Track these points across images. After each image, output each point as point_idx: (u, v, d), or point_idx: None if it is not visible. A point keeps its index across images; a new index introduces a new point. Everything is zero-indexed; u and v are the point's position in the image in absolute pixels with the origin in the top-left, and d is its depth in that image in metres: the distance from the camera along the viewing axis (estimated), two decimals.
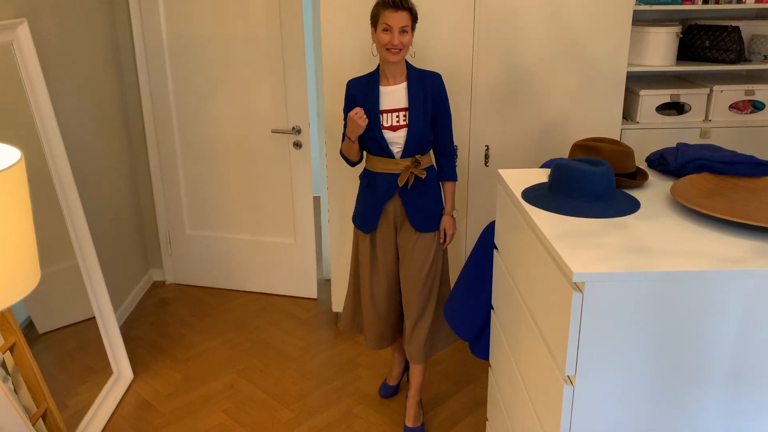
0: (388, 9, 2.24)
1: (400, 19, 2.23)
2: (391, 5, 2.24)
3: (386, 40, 2.26)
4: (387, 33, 2.25)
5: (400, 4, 2.23)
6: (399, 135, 2.35)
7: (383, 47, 2.27)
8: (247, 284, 3.82)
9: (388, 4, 2.24)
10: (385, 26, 2.25)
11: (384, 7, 2.25)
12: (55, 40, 2.85)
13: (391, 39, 2.25)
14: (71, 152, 2.95)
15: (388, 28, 2.24)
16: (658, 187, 1.80)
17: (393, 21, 2.24)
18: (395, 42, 2.25)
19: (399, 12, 2.23)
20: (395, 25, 2.23)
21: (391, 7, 2.24)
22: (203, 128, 3.56)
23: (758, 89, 3.14)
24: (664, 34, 3.07)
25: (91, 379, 2.77)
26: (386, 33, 2.25)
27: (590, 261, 1.33)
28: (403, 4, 2.24)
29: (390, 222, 2.46)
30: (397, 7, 2.23)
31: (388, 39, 2.25)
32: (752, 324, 1.33)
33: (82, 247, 2.77)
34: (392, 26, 2.24)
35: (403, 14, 2.24)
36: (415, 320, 2.52)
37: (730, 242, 1.41)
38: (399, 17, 2.23)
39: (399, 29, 2.24)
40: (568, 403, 1.38)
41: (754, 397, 1.39)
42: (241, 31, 3.33)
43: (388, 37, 2.25)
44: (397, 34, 2.24)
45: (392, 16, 2.24)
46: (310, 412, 2.78)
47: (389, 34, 2.25)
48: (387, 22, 2.24)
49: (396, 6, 2.23)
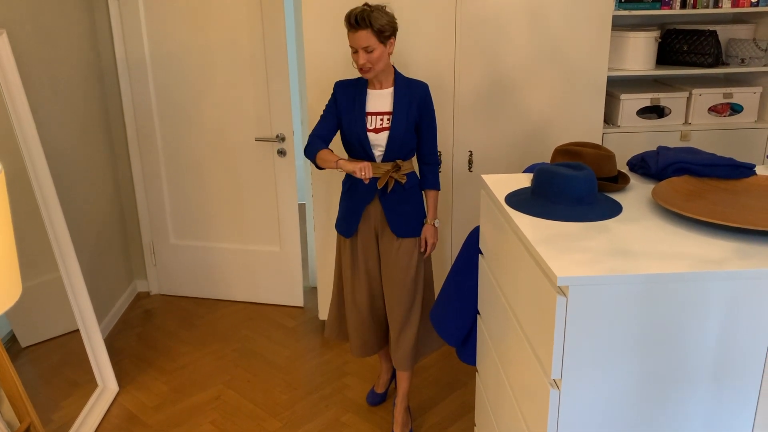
0: (350, 30, 2.22)
1: (360, 39, 2.20)
2: (349, 25, 2.21)
3: (354, 60, 2.25)
4: (355, 53, 2.24)
5: (356, 24, 2.19)
6: (381, 137, 2.36)
7: (356, 66, 2.27)
8: (233, 293, 3.80)
9: (350, 25, 2.21)
10: (351, 47, 2.24)
11: (348, 28, 2.23)
12: (35, 51, 2.83)
13: (357, 59, 2.24)
14: (52, 163, 2.93)
15: (354, 49, 2.24)
16: (639, 190, 1.82)
17: (354, 41, 2.22)
18: (360, 62, 2.23)
19: (358, 32, 2.20)
20: (357, 45, 2.22)
21: (351, 27, 2.21)
22: (186, 137, 3.54)
23: (736, 92, 3.19)
24: (643, 38, 3.10)
25: (75, 393, 2.74)
26: (355, 53, 2.24)
27: (573, 265, 1.34)
28: (359, 23, 2.18)
29: (371, 227, 2.47)
30: (354, 28, 2.20)
31: (356, 59, 2.24)
32: (733, 325, 1.35)
33: (64, 259, 2.74)
34: (355, 47, 2.22)
35: (363, 33, 2.19)
36: (399, 327, 2.52)
37: (710, 244, 1.43)
38: (359, 37, 2.20)
39: (362, 49, 2.22)
40: (555, 406, 1.39)
41: (735, 397, 1.41)
42: (223, 39, 3.32)
43: (355, 57, 2.24)
44: (362, 54, 2.22)
45: (353, 37, 2.22)
46: (298, 421, 2.77)
47: (356, 54, 2.24)
48: (350, 44, 2.23)
49: (353, 26, 2.20)
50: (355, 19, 2.19)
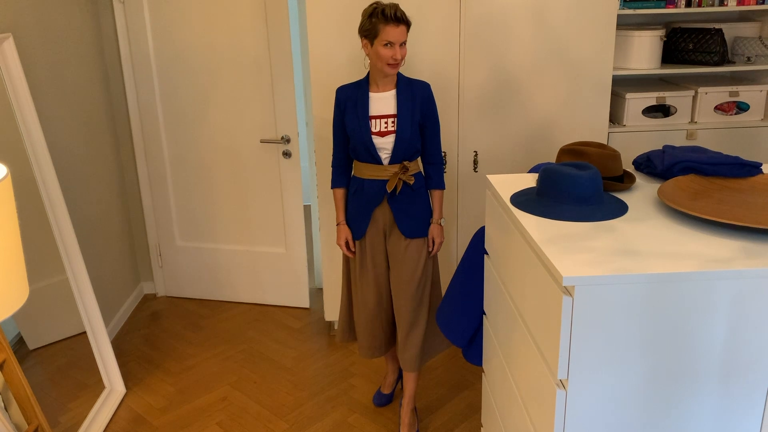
0: (389, 24, 2.22)
1: (402, 34, 2.24)
2: (393, 20, 2.23)
3: (389, 55, 2.25)
4: (388, 48, 2.25)
5: (402, 19, 2.24)
6: (387, 141, 2.36)
7: (383, 62, 2.27)
8: (239, 295, 3.80)
9: (390, 19, 2.22)
10: (387, 42, 2.24)
11: (385, 23, 2.23)
12: (41, 54, 2.84)
13: (393, 54, 2.25)
14: (59, 166, 2.94)
15: (390, 44, 2.24)
16: (645, 189, 1.81)
17: (395, 36, 2.23)
18: (398, 57, 2.26)
19: (400, 26, 2.24)
20: (397, 40, 2.24)
21: (393, 21, 2.22)
22: (192, 139, 3.55)
23: (742, 90, 3.17)
24: (649, 37, 3.09)
25: (83, 395, 2.75)
26: (387, 48, 2.25)
27: (579, 265, 1.33)
28: (402, 19, 2.24)
29: (379, 229, 2.47)
30: (398, 22, 2.23)
31: (391, 54, 2.25)
32: (740, 324, 1.34)
33: (71, 261, 2.75)
34: (394, 42, 2.24)
35: (404, 28, 2.25)
36: (407, 328, 2.51)
37: (717, 243, 1.42)
38: (400, 32, 2.24)
39: (400, 44, 2.25)
40: (561, 407, 1.38)
41: (743, 396, 1.40)
42: (227, 42, 3.33)
43: (390, 52, 2.25)
44: (399, 49, 2.26)
45: (394, 32, 2.23)
46: (305, 422, 2.77)
47: (391, 49, 2.25)
48: (389, 39, 2.23)
49: (398, 20, 2.23)
50: (395, 14, 2.22)
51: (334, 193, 2.54)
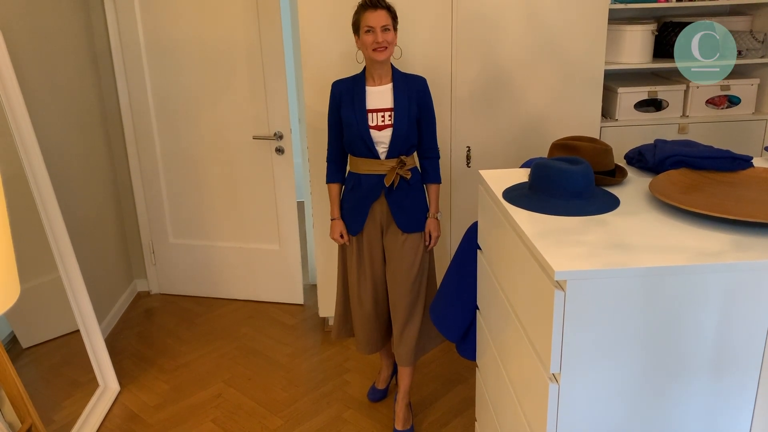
0: (367, 10, 2.30)
1: (380, 18, 2.29)
2: (369, 5, 2.30)
3: (371, 41, 2.30)
4: (370, 34, 2.30)
5: (378, 3, 2.30)
6: (384, 134, 2.37)
7: (369, 48, 2.31)
8: (233, 292, 3.80)
9: (367, 5, 2.31)
10: (367, 28, 2.30)
11: (363, 9, 2.31)
12: (31, 50, 2.82)
13: (375, 38, 2.29)
14: (50, 162, 2.92)
15: (371, 29, 2.29)
16: (637, 183, 1.82)
17: (373, 21, 2.29)
18: (379, 40, 2.29)
19: (378, 11, 2.29)
20: (376, 24, 2.29)
21: (370, 7, 2.30)
22: (184, 135, 3.54)
23: (733, 84, 3.18)
24: (640, 32, 3.10)
25: (76, 393, 2.74)
26: (369, 34, 2.30)
27: (571, 259, 1.34)
28: (380, 3, 2.30)
29: (376, 223, 2.47)
30: (375, 6, 2.30)
31: (372, 39, 2.30)
32: (731, 317, 1.35)
33: (63, 259, 2.74)
34: (374, 26, 2.29)
35: (382, 12, 2.30)
36: (403, 323, 2.52)
37: (708, 236, 1.43)
38: (378, 16, 2.29)
39: (380, 28, 2.29)
40: (554, 400, 1.39)
41: (734, 389, 1.41)
42: (219, 37, 3.32)
43: (371, 38, 2.30)
44: (380, 33, 2.29)
45: (371, 16, 2.29)
46: (300, 418, 2.77)
47: (372, 34, 2.30)
48: (368, 24, 2.29)
49: (374, 5, 2.30)
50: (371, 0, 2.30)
51: (329, 188, 2.55)
